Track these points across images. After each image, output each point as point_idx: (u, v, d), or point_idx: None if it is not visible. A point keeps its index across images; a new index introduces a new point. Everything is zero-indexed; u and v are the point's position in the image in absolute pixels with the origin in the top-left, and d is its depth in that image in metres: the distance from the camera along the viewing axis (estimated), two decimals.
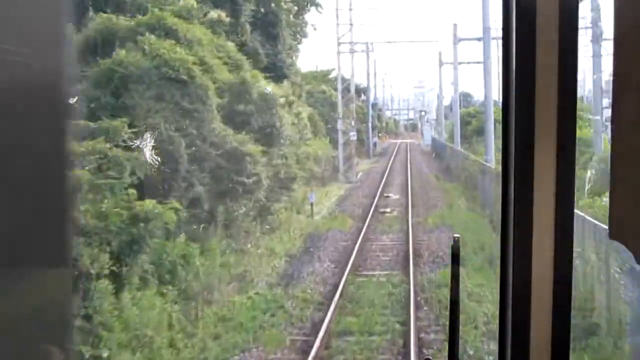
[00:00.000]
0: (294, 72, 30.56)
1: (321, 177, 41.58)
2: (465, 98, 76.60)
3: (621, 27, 1.76)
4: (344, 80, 42.40)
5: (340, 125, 41.93)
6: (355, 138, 41.37)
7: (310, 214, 28.41)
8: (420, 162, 55.14)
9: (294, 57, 31.58)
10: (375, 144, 75.80)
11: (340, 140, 42.19)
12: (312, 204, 28.69)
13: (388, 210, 28.56)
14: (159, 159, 16.36)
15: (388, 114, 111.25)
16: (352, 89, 42.10)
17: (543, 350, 2.07)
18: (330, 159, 44.17)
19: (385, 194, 33.83)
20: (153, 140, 16.65)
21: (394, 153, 69.51)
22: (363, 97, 68.24)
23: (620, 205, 1.81)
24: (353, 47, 40.81)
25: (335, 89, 43.42)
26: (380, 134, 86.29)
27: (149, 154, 16.26)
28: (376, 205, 29.54)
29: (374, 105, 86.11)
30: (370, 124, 65.97)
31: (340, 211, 28.92)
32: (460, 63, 53.83)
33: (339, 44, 41.09)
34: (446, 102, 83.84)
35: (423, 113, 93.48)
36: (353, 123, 41.14)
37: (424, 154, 66.60)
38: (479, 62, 56.06)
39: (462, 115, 52.57)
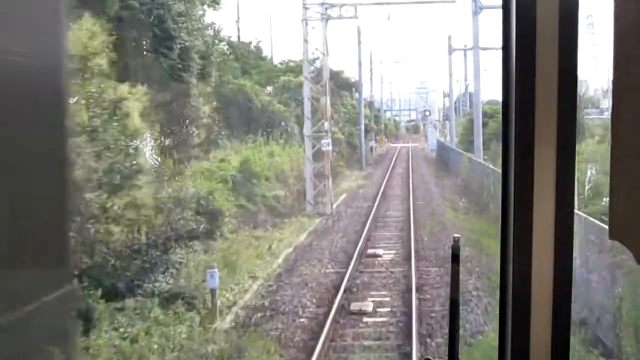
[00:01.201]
0: (194, 31, 15.15)
1: (284, 205, 26.53)
2: (464, 101, 62.82)
3: (621, 27, 1.75)
4: (312, 61, 27.21)
5: (307, 128, 26.61)
6: (329, 148, 26.06)
7: (212, 308, 13.22)
8: (426, 176, 39.73)
9: (200, 5, 16.16)
10: (372, 149, 61.31)
11: (309, 151, 26.88)
12: (213, 293, 13.37)
13: (369, 310, 13.11)
14: None
15: (387, 114, 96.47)
16: (326, 73, 26.71)
17: (543, 350, 2.00)
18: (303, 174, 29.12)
19: (370, 249, 18.51)
20: None
21: (393, 161, 54.32)
22: (359, 95, 52.72)
23: (620, 205, 1.79)
24: (326, 12, 25.70)
25: (318, 84, 28.07)
26: (377, 137, 71.75)
27: None
28: (346, 289, 14.21)
29: (371, 104, 71.27)
30: (363, 126, 50.66)
31: (271, 307, 13.57)
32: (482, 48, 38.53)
33: (304, 7, 25.95)
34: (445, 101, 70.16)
35: (427, 113, 78.46)
36: (327, 125, 25.95)
37: (430, 163, 51.45)
38: (497, 49, 41.05)
39: (473, 118, 41.29)
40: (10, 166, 1.53)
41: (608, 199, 1.81)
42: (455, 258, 2.15)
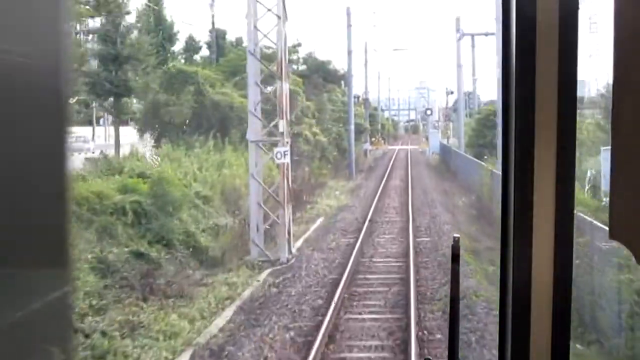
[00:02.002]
0: None
1: (220, 244, 17.37)
2: (471, 98, 54.31)
3: (621, 29, 1.72)
4: (254, 36, 17.90)
5: (252, 130, 17.24)
6: (286, 159, 16.74)
7: None
8: (430, 191, 30.30)
9: None
10: (366, 152, 52.24)
11: (254, 166, 17.52)
12: None
13: None
14: None
15: (386, 114, 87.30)
16: (282, 44, 17.31)
17: (543, 350, 1.94)
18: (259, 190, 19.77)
19: None
20: None
21: (389, 168, 44.99)
22: (348, 89, 43.38)
23: (620, 205, 1.76)
24: None
25: (271, 63, 18.56)
26: (373, 139, 62.66)
27: None
28: None
29: (366, 101, 61.81)
30: (352, 127, 41.32)
31: None
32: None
33: None
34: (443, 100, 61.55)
35: (428, 112, 69.32)
36: (284, 125, 16.64)
37: (433, 171, 42.36)
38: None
39: (483, 118, 35.77)
40: (9, 166, 1.50)
41: (608, 198, 1.79)
42: (455, 258, 2.14)
